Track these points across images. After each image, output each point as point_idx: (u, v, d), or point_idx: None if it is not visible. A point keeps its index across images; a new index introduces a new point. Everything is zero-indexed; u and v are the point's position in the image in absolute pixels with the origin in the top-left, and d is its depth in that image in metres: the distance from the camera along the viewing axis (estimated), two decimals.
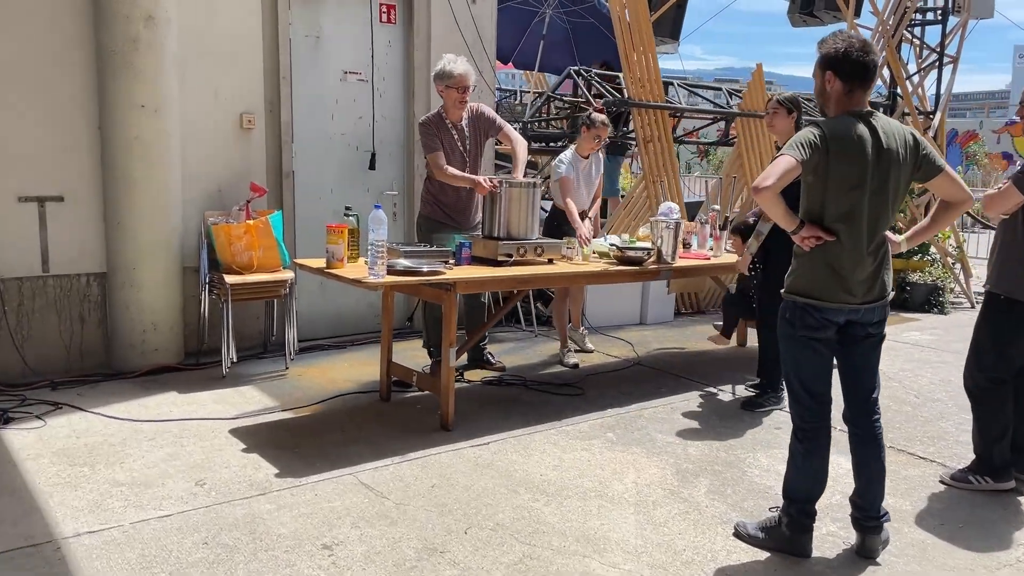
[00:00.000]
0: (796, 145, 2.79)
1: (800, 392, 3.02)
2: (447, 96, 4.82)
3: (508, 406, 4.64)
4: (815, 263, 2.91)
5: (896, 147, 2.85)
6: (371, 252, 3.85)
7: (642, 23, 6.71)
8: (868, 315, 2.96)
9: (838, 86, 2.89)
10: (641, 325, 7.01)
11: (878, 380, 3.09)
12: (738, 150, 7.71)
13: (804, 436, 3.02)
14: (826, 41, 2.94)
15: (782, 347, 3.08)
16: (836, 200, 2.84)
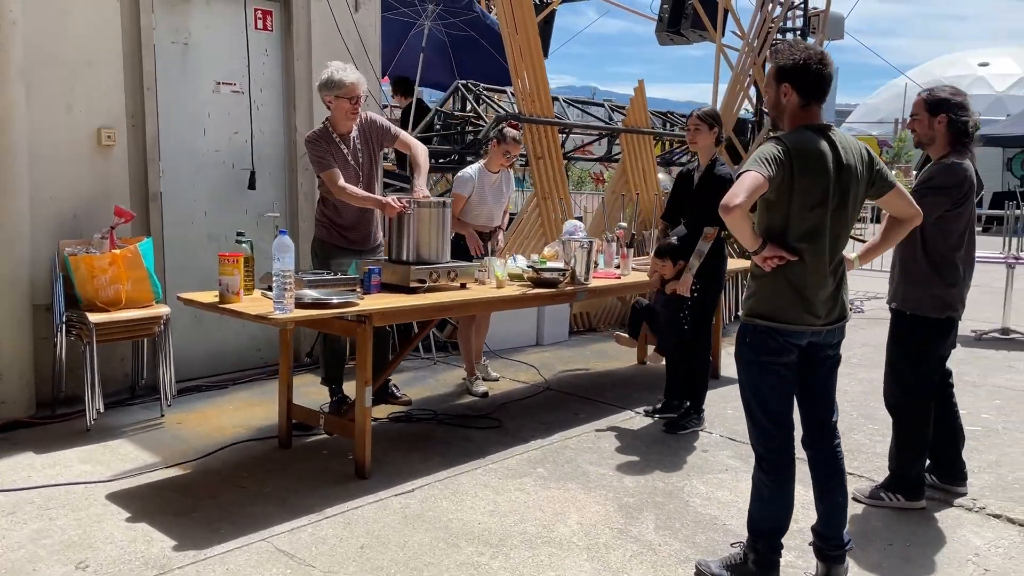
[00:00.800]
0: (761, 161, 2.63)
1: (763, 420, 2.86)
2: (337, 108, 4.42)
3: (424, 445, 4.27)
4: (777, 284, 2.76)
5: (854, 163, 2.75)
6: (277, 284, 3.40)
7: (531, 37, 6.54)
8: (829, 336, 2.85)
9: (794, 99, 2.77)
10: (538, 346, 6.80)
11: (836, 404, 2.98)
12: (623, 166, 7.68)
13: (770, 467, 2.86)
14: (782, 52, 2.81)
15: (742, 373, 2.91)
16: (799, 218, 2.70)
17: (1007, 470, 4.09)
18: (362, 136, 4.54)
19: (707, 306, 4.65)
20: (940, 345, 3.56)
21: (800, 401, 2.93)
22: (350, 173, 4.46)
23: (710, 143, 4.53)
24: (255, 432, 4.41)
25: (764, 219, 2.76)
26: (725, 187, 4.49)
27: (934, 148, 3.51)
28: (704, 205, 4.50)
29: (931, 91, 3.58)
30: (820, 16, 9.72)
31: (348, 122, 4.44)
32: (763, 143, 2.75)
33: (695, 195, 4.58)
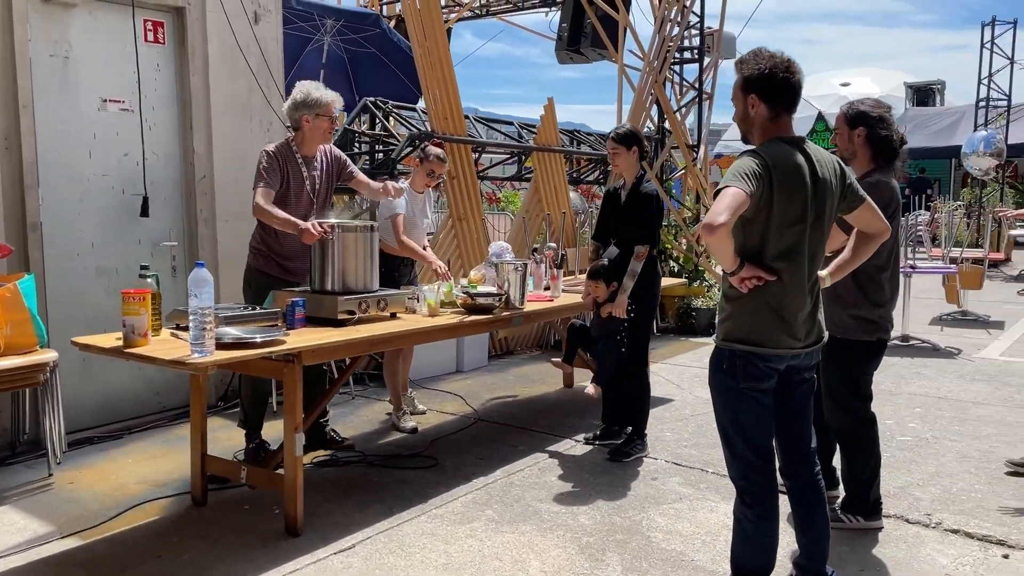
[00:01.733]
0: (741, 176, 2.47)
1: (744, 451, 2.70)
2: (315, 128, 4.11)
3: (358, 491, 3.91)
4: (756, 306, 2.60)
5: (829, 176, 2.64)
6: (195, 323, 3.00)
7: (442, 54, 6.30)
8: (807, 359, 2.72)
9: (763, 111, 2.64)
10: (459, 373, 6.51)
11: (813, 429, 2.85)
12: (535, 185, 7.53)
13: (753, 500, 2.69)
14: (747, 61, 2.67)
15: (718, 402, 2.74)
16: (778, 236, 2.56)
17: (949, 481, 4.10)
18: (325, 165, 4.26)
19: (643, 327, 4.50)
20: (873, 365, 3.51)
21: (777, 428, 2.78)
22: (303, 199, 4.14)
23: (632, 162, 4.42)
24: (163, 488, 3.93)
25: (740, 237, 2.59)
26: (651, 203, 4.41)
27: (857, 163, 3.45)
28: (632, 223, 4.38)
29: (851, 104, 3.55)
30: (715, 35, 9.92)
31: (323, 142, 4.18)
32: (739, 157, 2.59)
33: (623, 214, 4.45)
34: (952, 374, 6.55)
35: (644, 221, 4.32)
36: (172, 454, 4.42)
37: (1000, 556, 3.27)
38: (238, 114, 5.40)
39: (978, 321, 8.97)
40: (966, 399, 5.74)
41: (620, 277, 4.34)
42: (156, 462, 4.30)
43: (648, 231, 4.31)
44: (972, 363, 7.03)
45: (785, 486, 2.82)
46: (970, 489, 3.99)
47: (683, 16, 9.16)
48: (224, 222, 5.33)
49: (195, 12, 5.14)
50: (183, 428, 4.88)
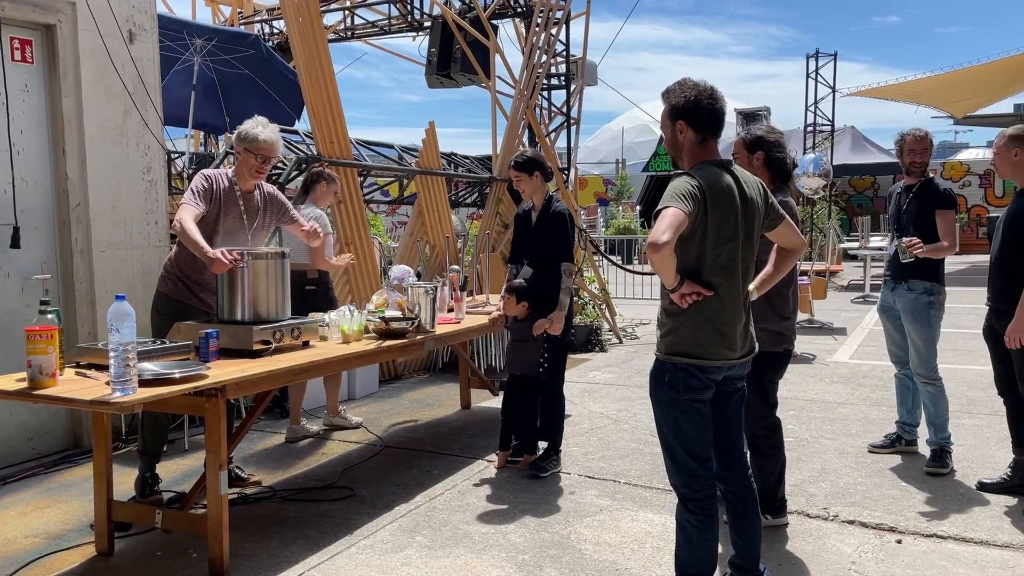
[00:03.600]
0: (678, 196, 2.63)
1: (686, 460, 2.84)
2: (244, 161, 4.02)
3: (278, 528, 3.77)
4: (696, 321, 2.76)
5: (755, 196, 2.84)
6: (117, 360, 2.82)
7: (327, 75, 6.21)
8: (740, 369, 2.91)
9: (691, 136, 2.81)
10: (351, 400, 6.38)
11: (743, 435, 3.04)
12: (419, 208, 7.54)
13: (696, 506, 2.83)
14: (673, 91, 2.84)
15: (660, 414, 2.87)
16: (714, 253, 2.73)
17: (835, 476, 4.46)
18: (263, 203, 4.16)
19: (562, 345, 4.62)
20: (780, 374, 3.80)
21: (714, 436, 2.95)
22: (237, 230, 4.05)
23: (537, 186, 4.57)
24: (59, 541, 3.63)
25: (678, 255, 2.74)
26: (566, 222, 4.55)
27: None
28: (547, 243, 4.50)
29: (748, 130, 3.85)
30: (578, 63, 10.31)
31: (253, 180, 4.05)
32: (674, 179, 2.75)
33: (535, 235, 4.57)
34: (812, 377, 7.09)
35: (562, 239, 4.46)
36: (59, 503, 4.09)
37: (894, 541, 3.59)
38: (114, 138, 5.11)
39: (824, 328, 9.76)
40: (831, 400, 6.24)
41: (533, 296, 4.45)
42: (43, 513, 3.96)
43: (566, 249, 4.45)
44: (827, 367, 7.64)
45: (720, 490, 2.98)
46: (855, 482, 4.35)
47: (550, 44, 9.47)
48: (101, 252, 5.01)
49: (66, 30, 4.83)
50: (64, 474, 4.56)
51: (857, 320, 10.46)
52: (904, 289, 4.51)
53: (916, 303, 4.47)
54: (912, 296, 4.48)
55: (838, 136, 18.33)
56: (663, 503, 4.07)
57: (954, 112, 20.89)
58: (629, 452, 4.91)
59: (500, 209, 8.86)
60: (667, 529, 3.71)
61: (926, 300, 4.45)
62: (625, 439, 5.20)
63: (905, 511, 3.92)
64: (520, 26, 9.66)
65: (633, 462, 4.72)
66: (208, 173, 4.00)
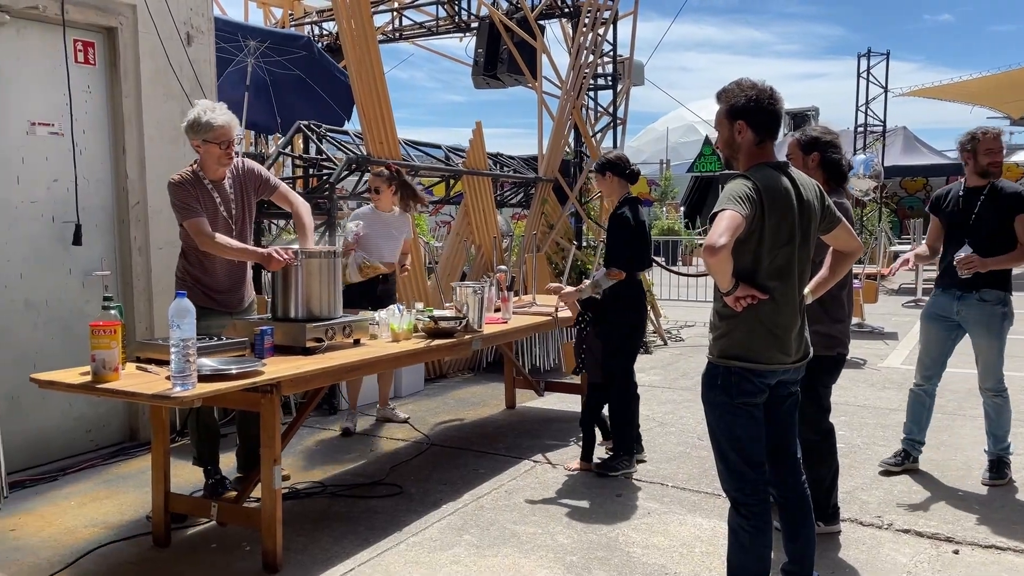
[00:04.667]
0: (735, 199, 2.60)
1: (739, 465, 2.80)
2: (207, 153, 3.92)
3: (328, 523, 3.82)
4: (751, 324, 2.73)
5: (812, 199, 2.81)
6: (178, 355, 2.88)
7: (377, 76, 6.27)
8: (794, 374, 2.87)
9: (749, 136, 2.78)
10: (396, 398, 6.43)
11: (798, 440, 3.00)
12: (465, 209, 7.57)
13: (749, 511, 2.80)
14: (731, 91, 2.81)
15: (713, 417, 2.85)
16: (770, 256, 2.70)
17: (889, 484, 4.38)
18: (236, 184, 4.06)
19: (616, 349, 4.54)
20: (833, 378, 3.74)
21: (767, 440, 2.92)
22: (220, 224, 3.97)
23: (612, 187, 4.57)
24: (117, 531, 3.73)
25: (733, 258, 2.72)
26: (615, 225, 4.53)
27: None
28: (608, 245, 4.49)
29: (803, 131, 3.78)
30: (625, 63, 10.26)
31: (222, 168, 3.95)
32: (731, 181, 2.72)
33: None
34: (863, 383, 6.97)
35: (612, 243, 4.43)
36: (117, 495, 4.20)
37: (951, 552, 3.52)
38: (172, 137, 5.21)
39: (874, 332, 9.58)
40: (882, 406, 6.13)
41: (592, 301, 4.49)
42: (101, 504, 4.07)
43: (617, 253, 4.39)
44: (878, 372, 7.50)
45: (773, 496, 2.95)
46: (909, 491, 4.26)
47: (597, 44, 9.45)
48: (158, 249, 5.12)
49: (127, 32, 4.95)
50: (121, 466, 4.67)
51: (908, 325, 10.24)
52: (975, 299, 4.23)
53: (991, 314, 4.21)
54: (986, 307, 4.21)
55: (889, 137, 17.99)
56: (711, 507, 4.03)
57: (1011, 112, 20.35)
58: (676, 455, 4.88)
59: (545, 209, 8.86)
60: (716, 534, 3.68)
61: (1001, 311, 4.21)
62: (672, 442, 5.16)
63: (962, 521, 3.83)
64: (567, 26, 9.64)
65: (680, 465, 4.68)
66: (179, 181, 3.89)
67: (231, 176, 4.04)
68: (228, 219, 4.02)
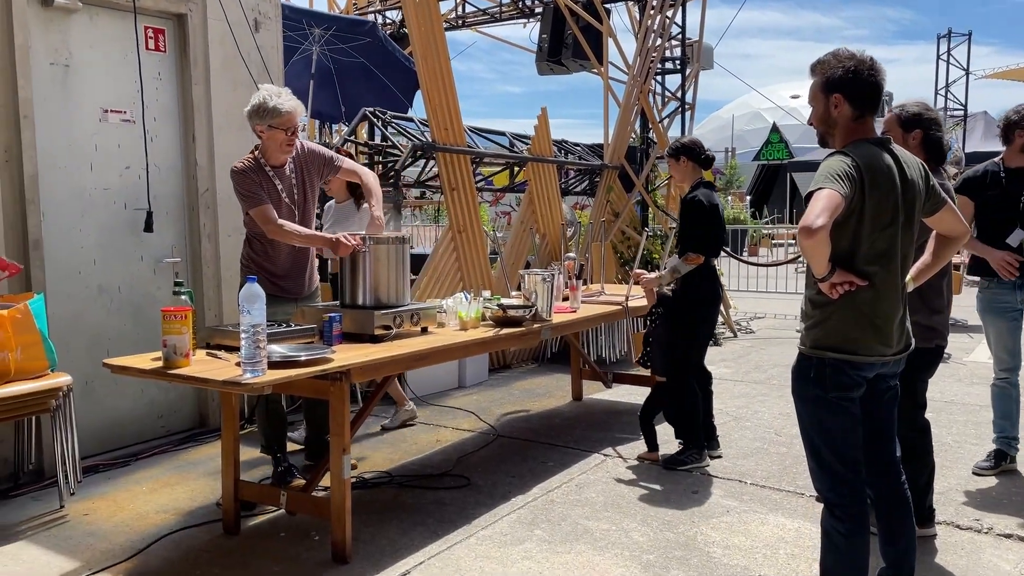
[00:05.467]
0: (833, 176, 2.41)
1: (833, 462, 2.62)
2: (271, 139, 3.86)
3: (397, 514, 3.75)
4: (847, 312, 2.54)
5: (916, 178, 2.60)
6: (248, 341, 2.83)
7: (443, 63, 6.19)
8: (895, 367, 2.67)
9: (847, 111, 2.58)
10: (461, 388, 6.36)
11: (896, 437, 2.80)
12: (529, 196, 7.45)
13: (843, 513, 2.61)
14: (827, 62, 2.62)
15: (804, 412, 2.66)
16: (871, 239, 2.50)
17: (985, 485, 4.12)
18: (298, 168, 4.00)
19: (684, 336, 4.41)
20: (930, 372, 3.52)
21: (863, 438, 2.72)
22: (283, 211, 3.92)
23: (685, 172, 4.46)
24: (187, 517, 3.72)
25: (830, 241, 2.53)
26: (692, 211, 4.35)
27: None
28: (680, 231, 4.34)
29: (903, 107, 3.53)
30: (694, 46, 9.99)
31: (284, 155, 3.90)
32: (828, 158, 2.53)
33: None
34: (950, 378, 6.63)
35: (686, 228, 4.30)
36: (187, 481, 4.20)
37: None
38: (239, 125, 5.16)
39: (958, 325, 9.12)
40: (972, 402, 5.81)
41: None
42: (173, 490, 4.07)
43: (690, 238, 4.25)
44: (964, 367, 7.14)
45: (870, 497, 2.75)
46: (1007, 492, 4.00)
47: (665, 27, 9.20)
48: (227, 237, 5.12)
49: (196, 19, 4.95)
50: (191, 452, 4.69)
51: None
52: None
53: None
54: None
55: (970, 122, 17.21)
56: (794, 507, 3.84)
57: None
58: (753, 451, 4.68)
59: (611, 197, 8.68)
60: (801, 535, 3.49)
61: None
62: (748, 437, 4.96)
63: None
64: (633, 9, 9.41)
65: (759, 462, 4.49)
66: (242, 168, 3.84)
67: (292, 160, 3.99)
68: (291, 205, 3.97)
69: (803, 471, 4.31)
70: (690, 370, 4.41)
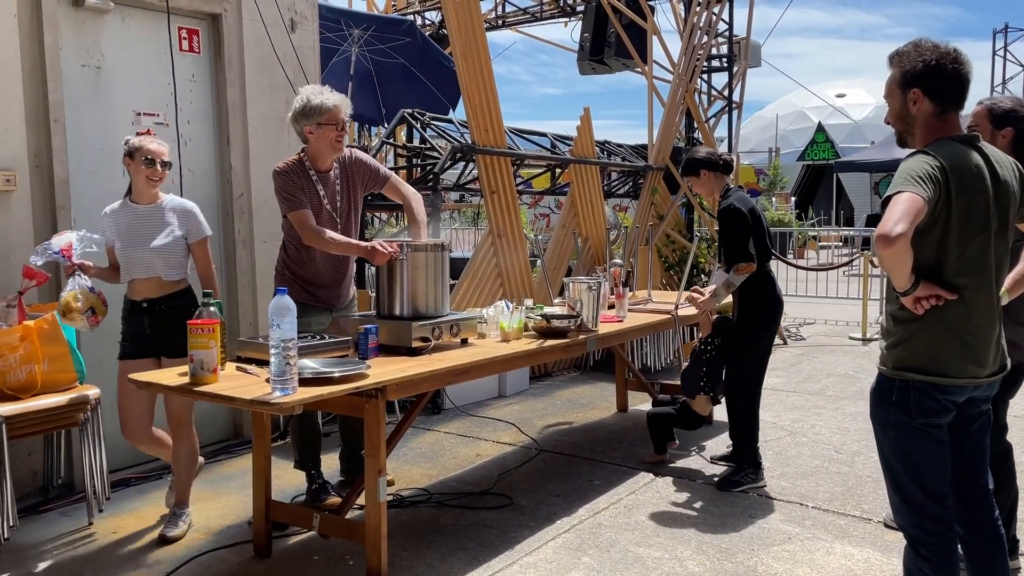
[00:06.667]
0: (915, 179, 2.15)
1: (917, 495, 2.36)
2: (320, 138, 3.69)
3: (435, 537, 3.55)
4: (935, 330, 2.28)
5: (1009, 179, 2.33)
6: (278, 357, 2.65)
7: (484, 64, 5.99)
8: (987, 390, 2.40)
9: (927, 107, 2.32)
10: (501, 398, 6.16)
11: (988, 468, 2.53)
12: (571, 199, 7.22)
13: (930, 552, 2.35)
14: (906, 53, 2.36)
15: (885, 440, 2.40)
16: (959, 248, 2.24)
17: None
18: (343, 176, 3.84)
19: (743, 348, 4.17)
20: (1012, 392, 3.25)
21: (952, 468, 2.45)
22: (323, 218, 3.75)
23: (711, 184, 4.26)
24: (218, 537, 3.56)
25: (913, 249, 2.27)
26: (729, 219, 4.09)
27: None
28: (722, 242, 4.10)
29: (995, 100, 3.24)
30: (741, 44, 9.67)
31: (333, 154, 3.75)
32: (908, 158, 2.28)
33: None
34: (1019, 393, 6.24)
35: (730, 239, 4.03)
36: (220, 496, 4.06)
37: None
38: (275, 127, 5.06)
39: None
40: None
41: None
42: (205, 506, 3.93)
43: (738, 248, 3.99)
44: None
45: (959, 533, 2.48)
46: None
47: (711, 24, 8.91)
48: (262, 243, 4.98)
49: (231, 19, 4.82)
50: (225, 466, 4.56)
51: None
52: None
53: None
54: None
55: None
56: (862, 534, 3.56)
57: None
58: (813, 470, 4.40)
59: (655, 200, 8.41)
60: (872, 566, 3.22)
61: None
62: (806, 454, 4.68)
63: None
64: (678, 6, 9.13)
65: (819, 482, 4.21)
66: (286, 169, 3.69)
67: (338, 167, 3.82)
68: (332, 212, 3.79)
69: (868, 493, 4.04)
70: (754, 385, 4.16)
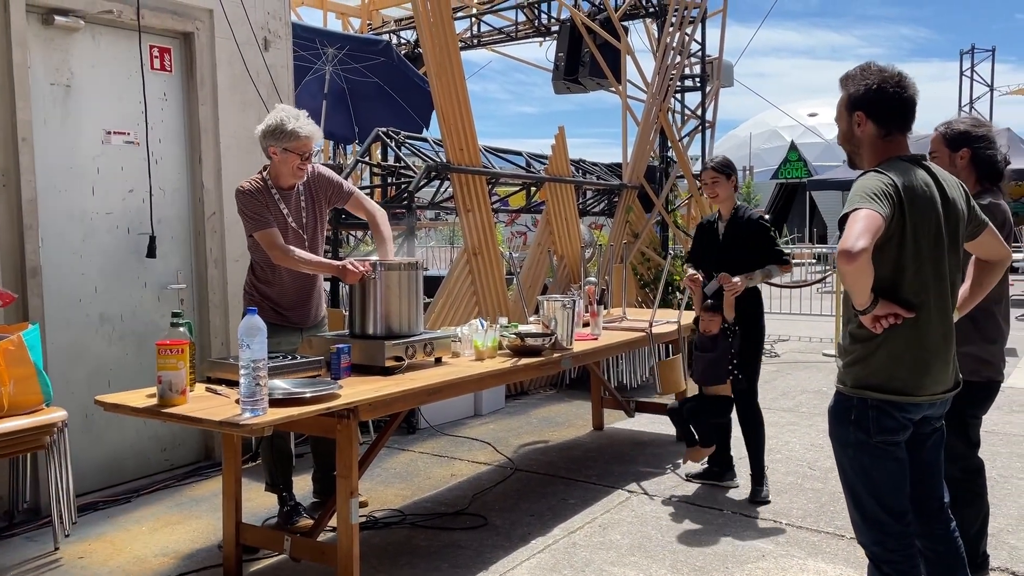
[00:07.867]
0: (870, 196, 2.18)
1: (878, 513, 2.37)
2: (283, 162, 3.69)
3: (409, 559, 3.52)
4: (894, 348, 2.30)
5: (956, 197, 2.37)
6: (247, 378, 2.62)
7: (457, 80, 6.01)
8: (941, 407, 2.44)
9: (871, 129, 2.36)
10: (478, 417, 6.13)
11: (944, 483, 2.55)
12: (547, 217, 7.24)
13: (893, 569, 2.36)
14: (853, 77, 2.40)
15: (845, 458, 2.42)
16: (915, 264, 2.27)
17: None
18: (308, 192, 3.82)
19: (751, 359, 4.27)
20: (984, 408, 3.28)
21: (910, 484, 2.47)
22: (290, 236, 3.73)
23: (731, 192, 4.27)
24: (187, 561, 3.51)
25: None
26: (767, 231, 4.19)
27: None
28: (739, 253, 4.15)
29: (948, 124, 3.30)
30: (714, 64, 9.79)
31: (293, 180, 3.74)
32: (860, 177, 2.31)
33: (724, 246, 4.23)
34: None
35: (770, 247, 4.20)
36: (189, 520, 3.99)
37: None
38: (248, 147, 5.02)
39: None
40: (1014, 432, 5.52)
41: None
42: (173, 530, 3.87)
43: (779, 252, 4.21)
44: (1003, 393, 6.79)
45: (919, 548, 2.50)
46: None
47: (684, 44, 9.01)
48: (234, 262, 4.94)
49: (204, 38, 4.80)
50: (195, 488, 4.49)
51: None
52: None
53: None
54: None
55: None
56: (835, 551, 3.58)
57: None
58: (786, 487, 4.42)
59: (630, 218, 8.46)
60: None
61: None
62: (779, 471, 4.69)
63: None
64: (652, 27, 9.24)
65: (793, 499, 4.23)
66: (249, 189, 3.68)
67: (302, 184, 3.81)
68: (299, 229, 3.78)
69: (841, 510, 4.05)
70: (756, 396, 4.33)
